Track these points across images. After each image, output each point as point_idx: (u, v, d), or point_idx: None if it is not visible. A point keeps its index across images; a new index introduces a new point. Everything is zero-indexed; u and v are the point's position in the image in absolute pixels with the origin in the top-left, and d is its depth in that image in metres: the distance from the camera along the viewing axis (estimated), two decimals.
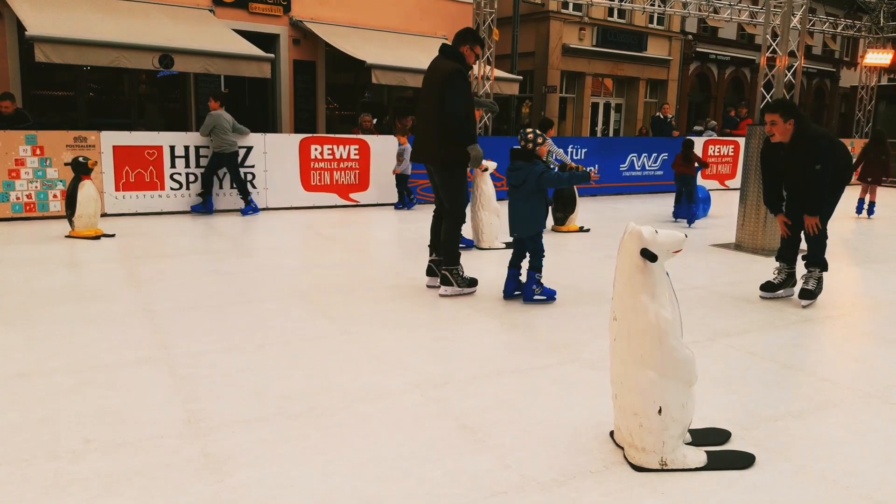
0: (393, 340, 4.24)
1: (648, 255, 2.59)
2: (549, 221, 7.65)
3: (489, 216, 7.35)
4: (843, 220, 10.82)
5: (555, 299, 5.19)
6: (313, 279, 5.94)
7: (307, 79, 15.16)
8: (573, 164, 8.67)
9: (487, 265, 6.45)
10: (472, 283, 5.44)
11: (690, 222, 9.55)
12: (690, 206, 9.73)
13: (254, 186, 9.81)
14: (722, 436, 2.98)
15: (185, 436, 2.92)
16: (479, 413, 3.19)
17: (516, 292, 5.24)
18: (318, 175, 10.29)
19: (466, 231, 6.70)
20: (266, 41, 13.85)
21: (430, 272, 5.62)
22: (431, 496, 2.48)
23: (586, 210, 9.34)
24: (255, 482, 2.56)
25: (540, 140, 5.09)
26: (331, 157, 10.34)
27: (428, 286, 5.58)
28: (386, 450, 2.82)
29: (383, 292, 5.47)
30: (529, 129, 5.18)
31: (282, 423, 3.05)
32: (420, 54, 14.47)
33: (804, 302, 5.25)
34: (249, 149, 9.73)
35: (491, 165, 7.42)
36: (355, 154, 10.51)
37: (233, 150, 9.23)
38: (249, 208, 9.50)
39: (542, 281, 5.18)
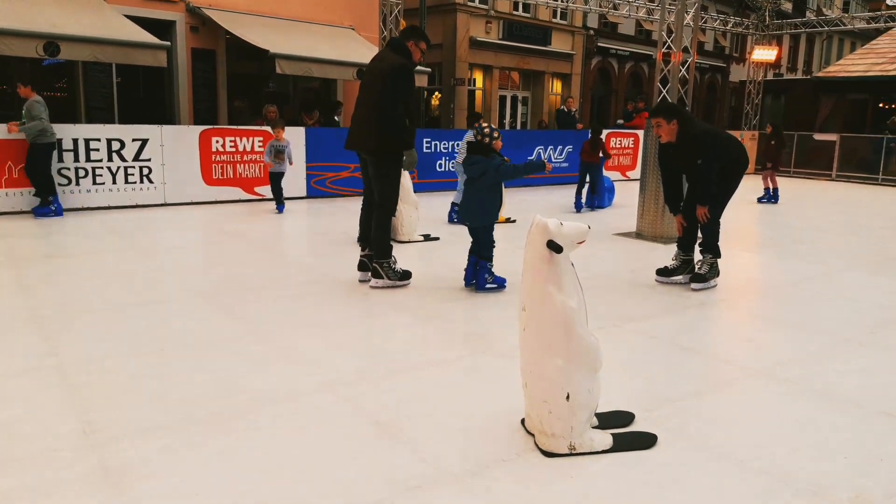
0: (303, 339, 4.15)
1: (554, 247, 2.65)
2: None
3: (408, 209, 7.34)
4: (746, 207, 11.47)
5: (505, 287, 5.30)
6: (217, 278, 5.73)
7: (207, 68, 14.57)
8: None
9: (407, 258, 6.42)
10: (405, 275, 5.43)
11: (592, 208, 9.98)
12: (594, 197, 10.12)
13: (150, 181, 9.36)
14: (626, 418, 3.09)
15: (81, 448, 2.75)
16: (393, 409, 3.17)
17: (474, 280, 5.36)
18: (221, 168, 9.93)
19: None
20: (161, 28, 13.20)
21: (361, 266, 5.53)
22: (345, 496, 2.45)
23: None
24: (158, 494, 2.44)
25: (496, 135, 5.22)
26: (233, 149, 9.99)
27: (360, 281, 5.50)
28: (297, 452, 2.76)
29: (292, 290, 5.35)
30: (486, 124, 5.29)
31: (185, 430, 2.93)
32: (325, 44, 14.21)
33: (695, 285, 5.55)
34: (145, 141, 9.26)
35: None
36: (259, 146, 10.20)
37: (54, 139, 8.30)
38: (48, 209, 8.25)
39: (492, 269, 5.31)
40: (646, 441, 2.90)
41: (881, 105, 19.51)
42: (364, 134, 5.19)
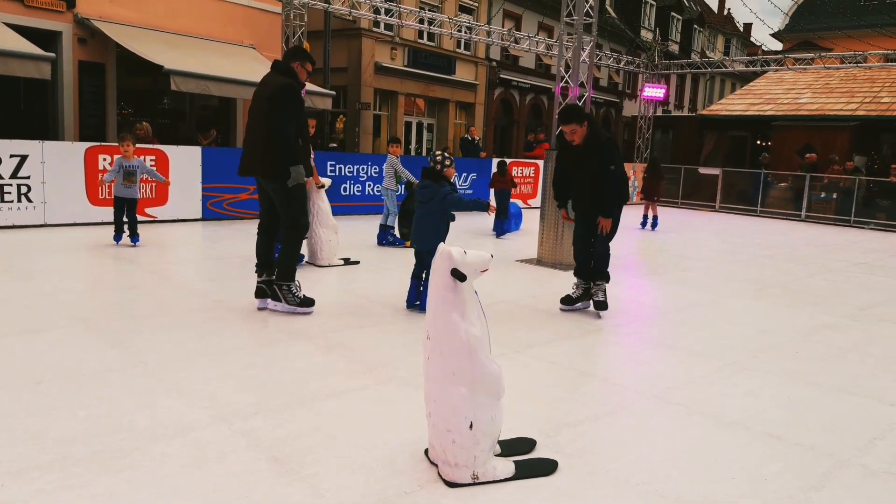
0: (195, 370, 3.94)
1: (458, 275, 2.66)
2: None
3: (327, 233, 7.25)
4: (630, 234, 12.03)
5: None
6: (101, 304, 5.38)
7: (95, 82, 13.83)
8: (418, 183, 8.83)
9: (324, 282, 6.28)
10: (307, 302, 5.27)
11: (500, 235, 10.28)
12: (504, 222, 10.46)
13: (29, 200, 8.72)
14: (528, 444, 3.11)
15: None
16: (292, 442, 3.04)
17: (416, 301, 5.45)
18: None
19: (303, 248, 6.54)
20: (46, 39, 12.45)
21: (259, 293, 5.32)
22: None
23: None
24: None
25: (448, 163, 5.45)
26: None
27: (258, 308, 5.30)
28: (187, 491, 2.59)
29: (183, 317, 5.08)
30: (439, 152, 5.52)
31: (63, 471, 2.69)
32: (225, 62, 13.84)
33: (601, 312, 5.73)
34: (24, 157, 8.64)
35: (326, 182, 7.32)
36: (152, 165, 9.75)
37: None
38: None
39: None
40: (547, 467, 2.92)
41: (758, 142, 21.09)
42: (258, 159, 5.05)
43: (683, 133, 22.49)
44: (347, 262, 7.54)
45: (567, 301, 5.91)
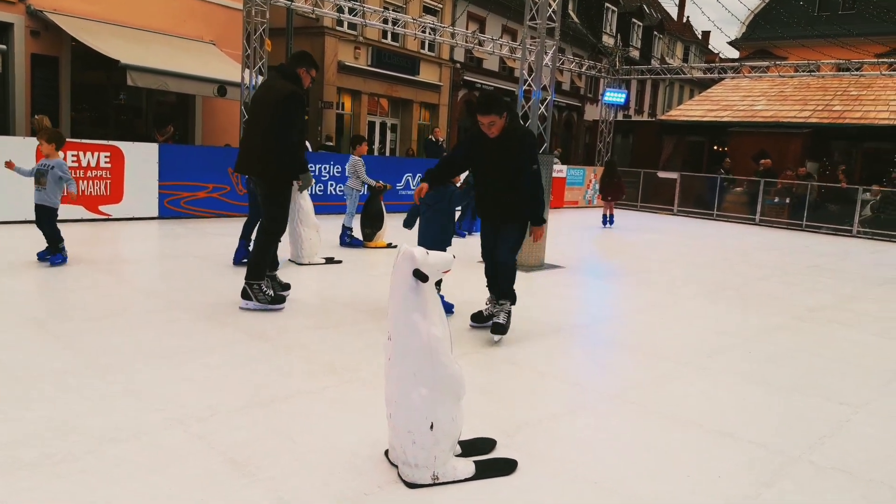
0: (150, 372, 3.85)
1: (420, 276, 2.66)
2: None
3: (308, 231, 7.25)
4: (591, 234, 12.20)
5: (452, 313, 5.39)
6: (52, 305, 5.23)
7: (48, 76, 13.47)
8: (380, 184, 8.77)
9: (302, 280, 6.20)
10: (278, 300, 5.31)
11: (463, 235, 10.29)
12: (466, 221, 10.52)
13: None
14: (488, 444, 3.12)
15: None
16: (250, 445, 3.00)
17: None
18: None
19: (285, 247, 6.68)
20: None
21: (245, 294, 5.30)
22: None
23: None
24: None
25: None
26: (76, 164, 9.24)
27: (241, 308, 5.28)
28: (142, 496, 2.53)
29: (139, 318, 4.97)
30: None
31: (10, 475, 2.60)
32: (184, 58, 13.61)
33: (496, 337, 4.86)
34: None
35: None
36: (106, 162, 9.52)
37: None
38: None
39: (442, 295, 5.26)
40: (507, 467, 2.94)
41: (715, 147, 21.57)
42: (254, 158, 5.18)
43: (643, 137, 22.87)
44: (330, 261, 7.52)
45: (477, 318, 5.24)
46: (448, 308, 5.43)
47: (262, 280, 5.25)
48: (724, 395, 4.13)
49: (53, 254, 6.59)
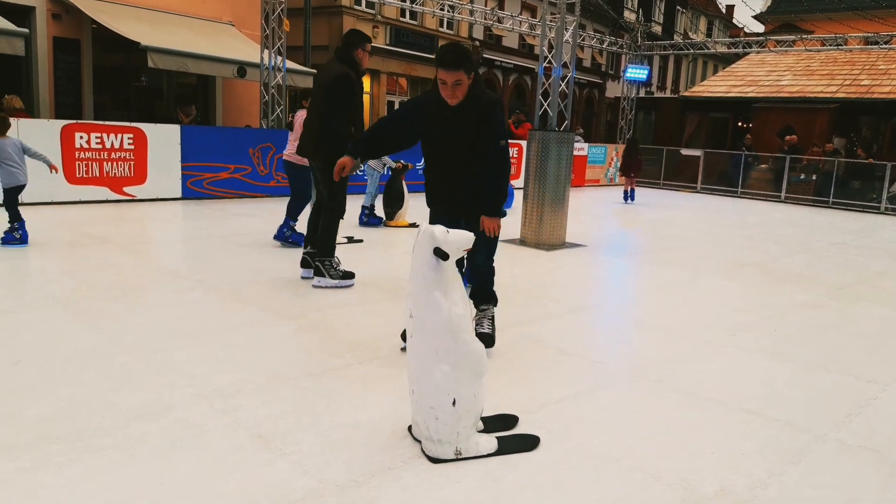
0: (176, 350, 3.91)
1: (441, 254, 2.67)
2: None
3: None
4: (612, 210, 12.11)
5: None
6: (79, 284, 5.31)
7: (70, 59, 13.57)
8: (401, 164, 8.79)
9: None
10: (348, 275, 5.51)
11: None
12: None
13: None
14: (511, 421, 3.13)
15: None
16: (274, 421, 3.04)
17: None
18: (85, 166, 9.25)
19: (304, 227, 6.65)
20: (19, 14, 12.17)
21: (303, 263, 5.69)
22: None
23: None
24: None
25: None
26: (100, 146, 9.34)
27: (302, 277, 5.60)
28: (168, 470, 2.58)
29: (164, 297, 5.04)
30: None
31: (43, 449, 2.67)
32: (203, 39, 13.62)
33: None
34: None
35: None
36: (129, 143, 9.61)
37: None
38: None
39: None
40: (529, 443, 2.95)
41: (739, 123, 21.22)
42: (311, 140, 5.45)
43: (666, 114, 22.55)
44: (351, 240, 7.58)
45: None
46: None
47: (332, 257, 5.46)
48: (747, 372, 4.09)
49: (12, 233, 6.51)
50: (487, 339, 4.09)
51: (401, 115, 4.05)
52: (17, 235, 6.50)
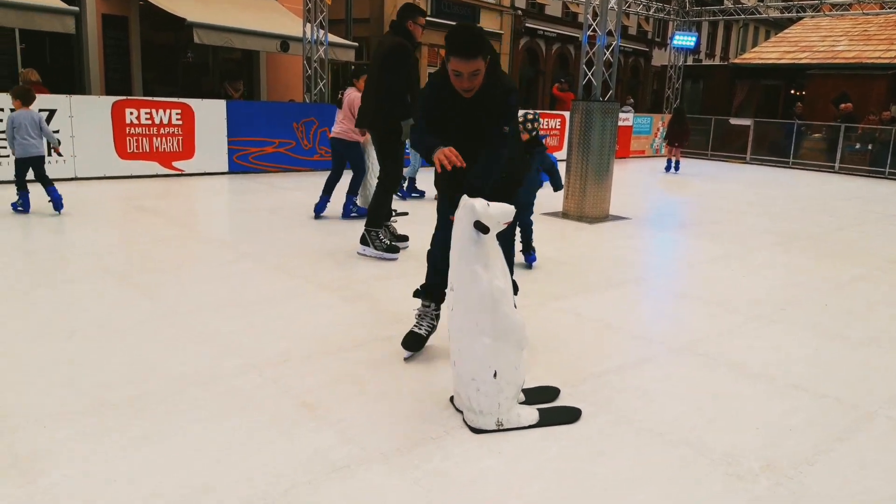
0: (225, 320, 4.02)
1: (481, 227, 2.67)
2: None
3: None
4: (656, 181, 11.90)
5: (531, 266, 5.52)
6: (132, 257, 5.48)
7: (119, 36, 13.83)
8: None
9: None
10: (392, 249, 5.63)
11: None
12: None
13: (59, 154, 8.83)
14: (552, 393, 3.14)
15: None
16: (320, 390, 3.11)
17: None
18: (136, 141, 9.48)
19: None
20: None
21: (362, 240, 5.76)
22: (269, 478, 2.39)
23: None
24: (73, 480, 2.32)
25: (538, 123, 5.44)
26: (149, 121, 9.55)
27: (359, 253, 5.72)
28: (219, 435, 2.67)
29: (211, 269, 5.17)
30: (530, 115, 5.44)
31: (101, 415, 2.79)
32: (247, 14, 13.72)
33: None
34: (53, 112, 8.72)
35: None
36: (177, 119, 9.79)
37: None
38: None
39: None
40: (571, 415, 2.96)
41: (792, 91, 20.49)
42: (369, 113, 5.56)
43: (714, 83, 21.89)
44: (395, 214, 7.65)
45: (414, 344, 3.56)
46: (530, 260, 5.52)
47: (379, 228, 5.59)
48: (796, 347, 4.01)
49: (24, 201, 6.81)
50: None
51: (431, 113, 3.41)
52: (20, 204, 6.81)
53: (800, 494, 2.45)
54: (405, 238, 6.03)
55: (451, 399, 3.01)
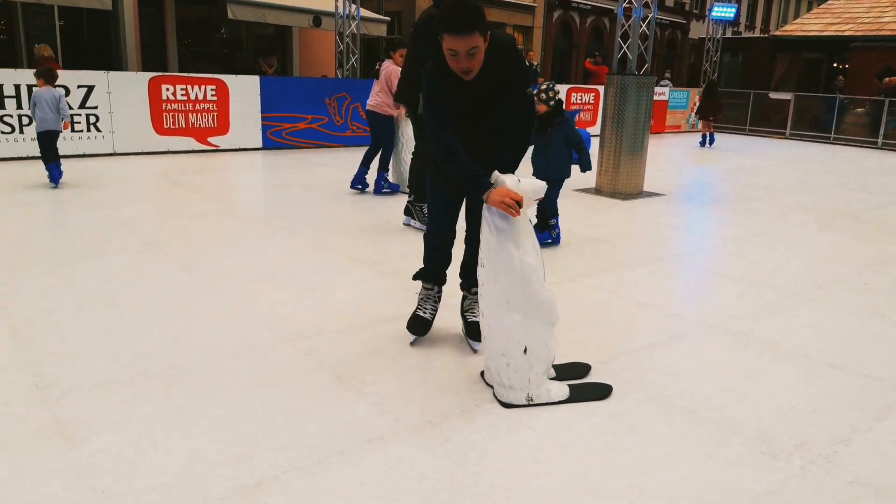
0: (260, 293, 4.09)
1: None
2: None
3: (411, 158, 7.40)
4: (693, 159, 11.69)
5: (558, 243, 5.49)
6: (170, 230, 5.59)
7: (154, 12, 13.97)
8: None
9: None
10: None
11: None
12: None
13: (98, 129, 9.01)
14: (583, 369, 3.15)
15: (34, 402, 2.68)
16: (353, 363, 3.16)
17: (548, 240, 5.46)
18: (172, 117, 9.60)
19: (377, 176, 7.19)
20: None
21: (406, 211, 5.95)
22: (304, 447, 2.45)
23: None
24: (114, 447, 2.40)
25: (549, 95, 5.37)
26: (185, 97, 9.66)
27: (403, 224, 5.90)
28: (256, 405, 2.74)
29: (248, 243, 5.26)
30: (544, 85, 5.47)
31: (141, 384, 2.88)
32: None
33: (476, 345, 3.32)
34: (91, 88, 8.88)
35: None
36: (212, 94, 9.89)
37: None
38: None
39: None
40: (601, 391, 2.96)
41: (835, 65, 19.86)
42: (406, 86, 5.57)
43: (754, 56, 21.31)
44: None
45: (419, 328, 3.40)
46: (542, 238, 5.45)
47: (423, 203, 5.67)
48: (834, 326, 3.94)
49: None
50: (477, 332, 3.28)
51: (445, 108, 2.94)
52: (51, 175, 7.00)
53: (834, 474, 2.43)
54: None
55: (482, 374, 3.03)
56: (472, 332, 3.36)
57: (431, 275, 3.48)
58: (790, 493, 2.31)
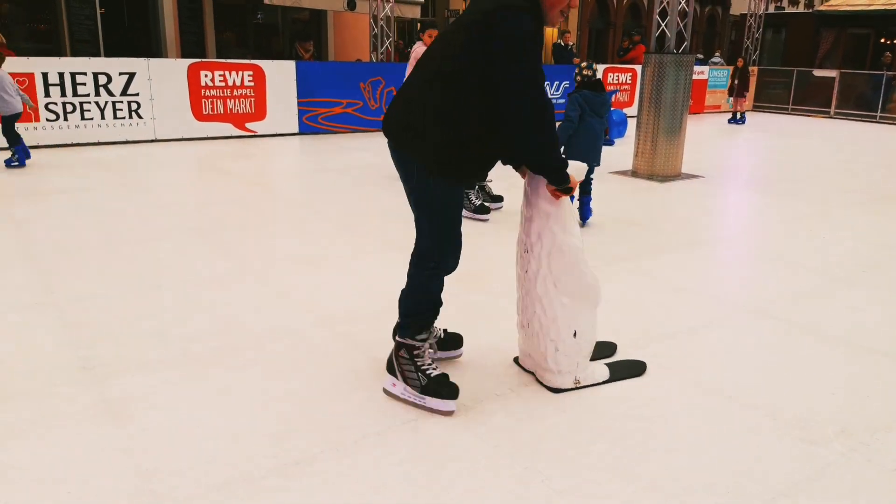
0: (298, 277, 4.16)
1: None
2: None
3: None
4: (733, 139, 11.45)
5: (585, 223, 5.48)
6: (210, 216, 5.70)
7: None
8: None
9: None
10: (482, 210, 5.73)
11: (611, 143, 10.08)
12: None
13: (139, 116, 9.18)
14: (610, 349, 3.16)
15: (81, 382, 2.79)
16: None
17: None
18: (211, 103, 9.74)
19: None
20: None
21: None
22: (340, 428, 2.50)
23: None
24: (158, 426, 2.49)
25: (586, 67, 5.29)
26: (223, 83, 9.79)
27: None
28: (294, 387, 2.80)
29: (286, 227, 5.34)
30: (583, 64, 5.35)
31: (184, 366, 2.96)
32: None
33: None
34: (132, 75, 9.05)
35: None
36: (249, 81, 9.99)
37: None
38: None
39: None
40: (638, 368, 2.99)
41: (882, 40, 19.16)
42: None
43: (798, 32, 20.66)
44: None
45: (452, 388, 2.65)
46: (586, 215, 5.44)
47: (471, 189, 5.68)
48: (878, 311, 3.85)
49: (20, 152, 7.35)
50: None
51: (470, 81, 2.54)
52: (14, 159, 7.26)
53: (876, 462, 2.39)
54: (500, 199, 6.07)
55: (515, 359, 3.04)
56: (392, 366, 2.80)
57: (432, 321, 2.84)
58: (829, 479, 2.29)
